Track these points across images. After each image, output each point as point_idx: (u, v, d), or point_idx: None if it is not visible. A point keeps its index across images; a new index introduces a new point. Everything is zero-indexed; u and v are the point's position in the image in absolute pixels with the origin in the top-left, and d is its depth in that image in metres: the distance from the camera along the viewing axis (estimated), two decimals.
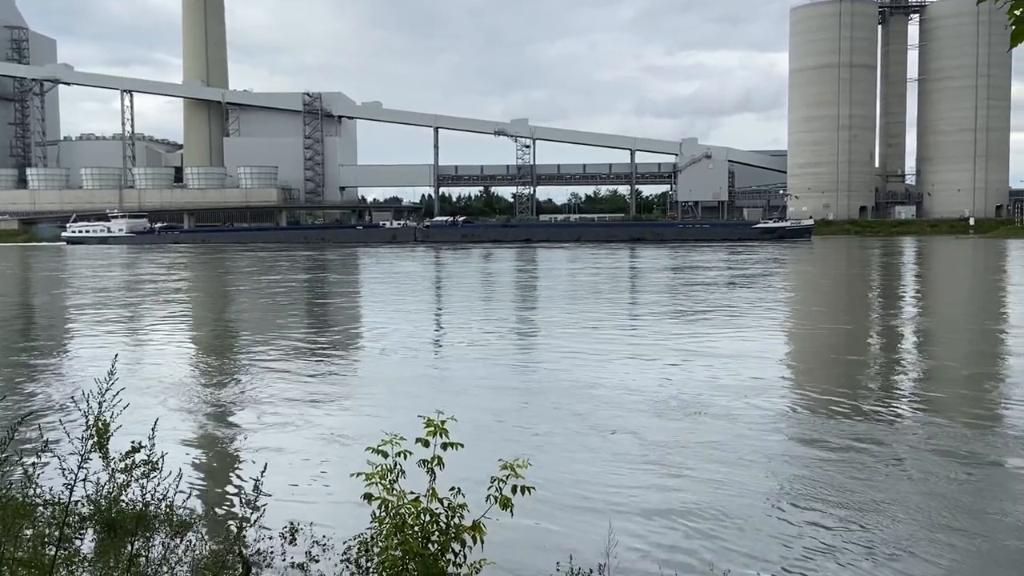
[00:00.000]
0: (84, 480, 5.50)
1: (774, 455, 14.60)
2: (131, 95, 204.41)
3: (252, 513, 5.78)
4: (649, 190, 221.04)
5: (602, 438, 15.75)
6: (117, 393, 5.65)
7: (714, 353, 25.44)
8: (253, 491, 5.76)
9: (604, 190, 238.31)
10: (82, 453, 5.38)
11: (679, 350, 26.20)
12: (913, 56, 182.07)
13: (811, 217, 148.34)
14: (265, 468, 6.25)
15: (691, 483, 13.09)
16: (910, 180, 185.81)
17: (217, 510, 12.46)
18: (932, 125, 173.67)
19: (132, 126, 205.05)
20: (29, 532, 6.30)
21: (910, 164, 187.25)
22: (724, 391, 19.71)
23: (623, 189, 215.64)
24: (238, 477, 14.08)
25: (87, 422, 5.45)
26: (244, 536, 6.14)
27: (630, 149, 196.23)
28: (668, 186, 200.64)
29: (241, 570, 5.31)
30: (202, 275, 73.21)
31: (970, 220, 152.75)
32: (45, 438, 6.38)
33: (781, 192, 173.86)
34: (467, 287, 56.47)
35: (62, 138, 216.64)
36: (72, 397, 6.16)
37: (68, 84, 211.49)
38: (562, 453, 14.78)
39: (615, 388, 20.24)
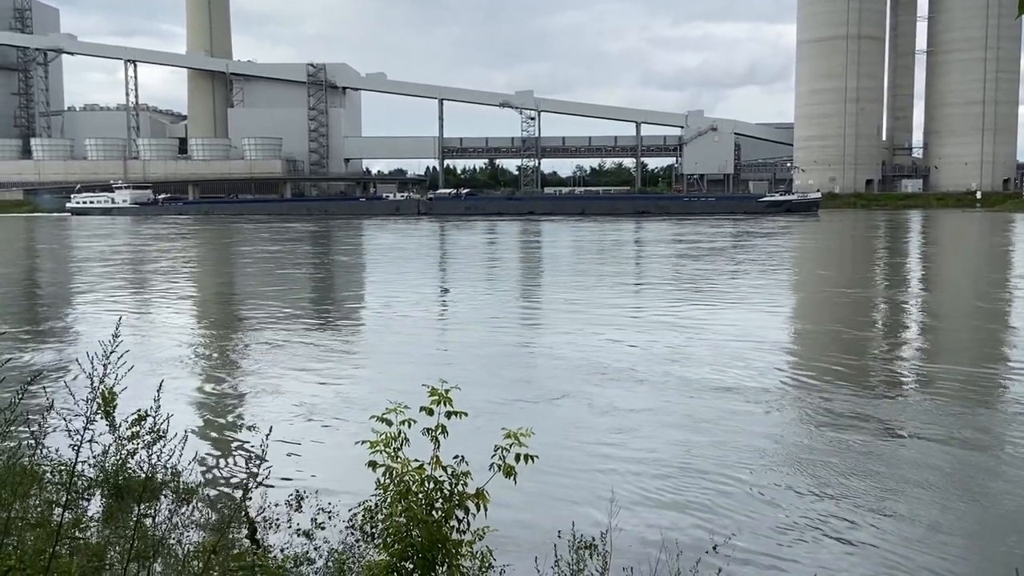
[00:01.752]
0: (91, 441, 5.54)
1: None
2: (135, 65, 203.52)
3: (257, 477, 5.82)
4: (654, 163, 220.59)
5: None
6: (122, 355, 5.68)
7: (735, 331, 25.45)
8: (258, 456, 5.80)
9: (609, 163, 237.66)
10: (88, 415, 5.41)
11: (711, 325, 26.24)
12: (922, 28, 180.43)
13: (818, 190, 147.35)
14: (270, 432, 6.29)
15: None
16: (917, 153, 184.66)
17: (222, 475, 12.57)
18: (940, 98, 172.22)
19: (136, 96, 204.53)
20: (36, 496, 6.37)
21: (917, 137, 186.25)
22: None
23: (628, 162, 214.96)
24: (243, 442, 14.18)
25: (92, 384, 5.47)
26: (250, 499, 6.19)
27: (635, 121, 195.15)
28: (673, 159, 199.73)
29: (247, 532, 5.35)
30: (206, 246, 73.28)
31: (977, 194, 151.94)
32: (51, 400, 6.41)
33: (789, 165, 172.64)
34: (467, 264, 56.45)
35: (66, 108, 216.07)
36: (77, 360, 6.20)
37: (72, 54, 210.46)
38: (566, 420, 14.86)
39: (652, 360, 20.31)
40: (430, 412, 6.16)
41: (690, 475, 12.26)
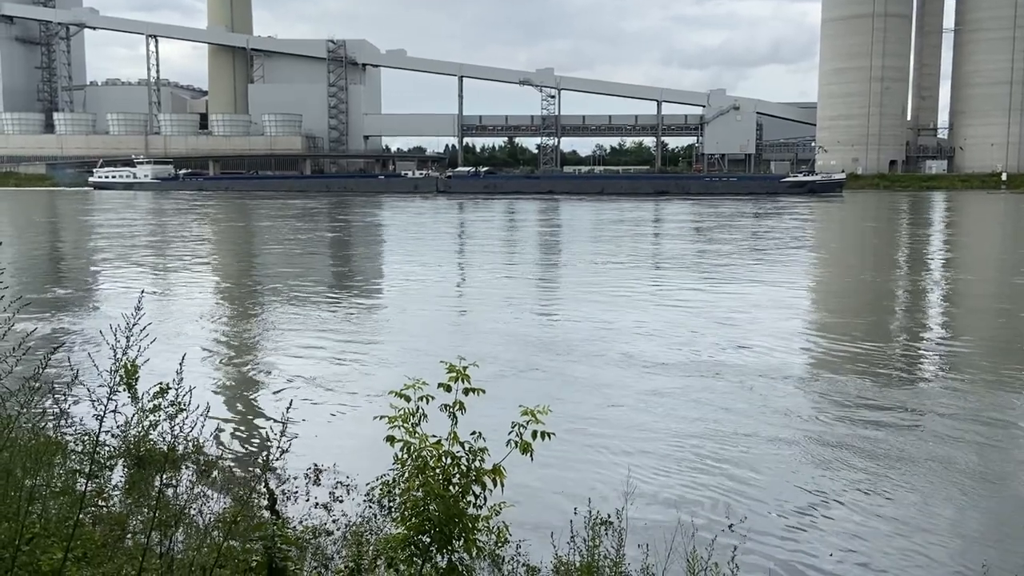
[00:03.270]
0: (114, 412, 5.61)
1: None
2: (156, 40, 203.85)
3: (277, 449, 5.89)
4: (675, 142, 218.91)
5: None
6: (144, 328, 5.74)
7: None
8: (278, 429, 5.86)
9: (629, 142, 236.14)
10: (111, 386, 5.48)
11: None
12: (950, 6, 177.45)
13: (843, 171, 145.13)
14: (290, 405, 6.35)
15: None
16: (942, 134, 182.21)
17: (242, 447, 12.71)
18: (966, 78, 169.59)
19: (157, 72, 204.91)
20: (60, 465, 6.48)
21: (943, 118, 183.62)
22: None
23: (649, 141, 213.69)
24: (263, 415, 14.32)
25: (115, 355, 5.54)
26: (270, 471, 6.26)
27: (656, 100, 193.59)
28: (694, 138, 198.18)
29: (267, 503, 5.42)
30: (228, 221, 73.66)
31: (1002, 175, 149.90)
32: (76, 371, 6.49)
33: (814, 145, 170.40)
34: (485, 247, 56.45)
35: (88, 83, 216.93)
36: (100, 331, 6.27)
37: (94, 28, 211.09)
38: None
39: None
40: (448, 388, 6.20)
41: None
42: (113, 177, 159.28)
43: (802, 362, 18.38)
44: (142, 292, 7.67)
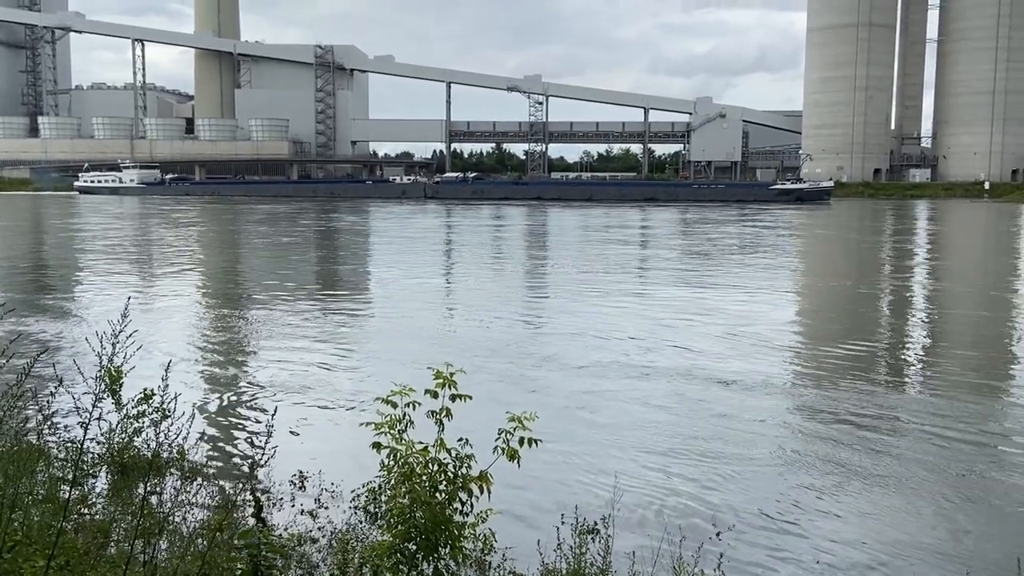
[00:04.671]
0: (99, 419, 5.58)
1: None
2: (143, 44, 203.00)
3: (262, 456, 5.86)
4: (662, 149, 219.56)
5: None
6: (131, 335, 5.71)
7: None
8: (263, 435, 5.84)
9: (617, 148, 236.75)
10: (96, 393, 5.45)
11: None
12: (933, 16, 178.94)
13: (831, 179, 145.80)
14: (275, 412, 6.32)
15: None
16: (926, 143, 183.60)
17: (227, 454, 12.62)
18: (950, 87, 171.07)
19: (143, 76, 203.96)
20: (43, 472, 6.42)
21: (926, 127, 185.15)
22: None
23: (636, 148, 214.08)
24: (248, 421, 14.24)
25: (100, 363, 5.51)
26: (255, 478, 6.23)
27: (643, 107, 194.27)
28: (681, 145, 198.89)
29: (252, 510, 5.39)
30: (214, 226, 73.35)
31: (985, 184, 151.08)
32: (60, 376, 6.45)
33: (801, 153, 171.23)
34: (473, 254, 56.42)
35: (73, 87, 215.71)
36: (86, 338, 6.23)
37: (79, 32, 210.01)
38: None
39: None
40: (435, 395, 6.20)
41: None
42: (99, 182, 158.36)
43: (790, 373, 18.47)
44: (128, 299, 7.62)
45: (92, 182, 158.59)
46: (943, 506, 10.78)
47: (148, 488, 6.84)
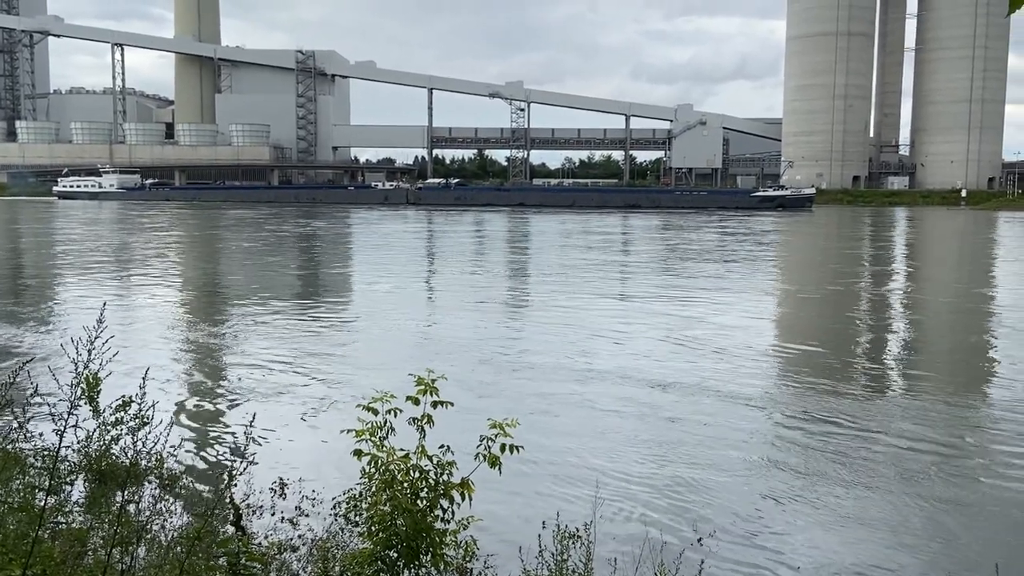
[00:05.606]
0: (75, 426, 5.51)
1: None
2: (122, 49, 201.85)
3: (242, 463, 5.81)
4: (643, 156, 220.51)
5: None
6: (107, 341, 5.65)
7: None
8: (243, 442, 5.79)
9: (598, 155, 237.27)
10: (72, 400, 5.38)
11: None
12: (911, 25, 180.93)
13: (813, 186, 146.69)
14: (254, 419, 6.27)
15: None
16: (904, 151, 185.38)
17: (206, 461, 12.52)
18: (928, 95, 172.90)
19: (123, 81, 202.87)
20: (19, 480, 6.34)
21: (904, 135, 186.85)
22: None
23: (617, 154, 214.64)
24: (227, 428, 14.13)
25: (76, 369, 5.44)
26: (234, 485, 6.18)
27: (625, 114, 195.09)
28: (662, 152, 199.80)
29: (232, 518, 5.34)
30: (194, 232, 72.88)
31: (962, 192, 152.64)
32: (35, 384, 6.37)
33: (784, 160, 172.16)
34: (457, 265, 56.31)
35: (52, 91, 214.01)
36: (62, 345, 6.16)
37: (58, 36, 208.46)
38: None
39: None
40: (416, 402, 6.17)
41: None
42: (78, 187, 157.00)
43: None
44: (104, 304, 7.55)
45: (71, 187, 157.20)
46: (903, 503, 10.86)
47: (126, 496, 6.77)
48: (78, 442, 8.97)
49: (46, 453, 7.19)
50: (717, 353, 20.32)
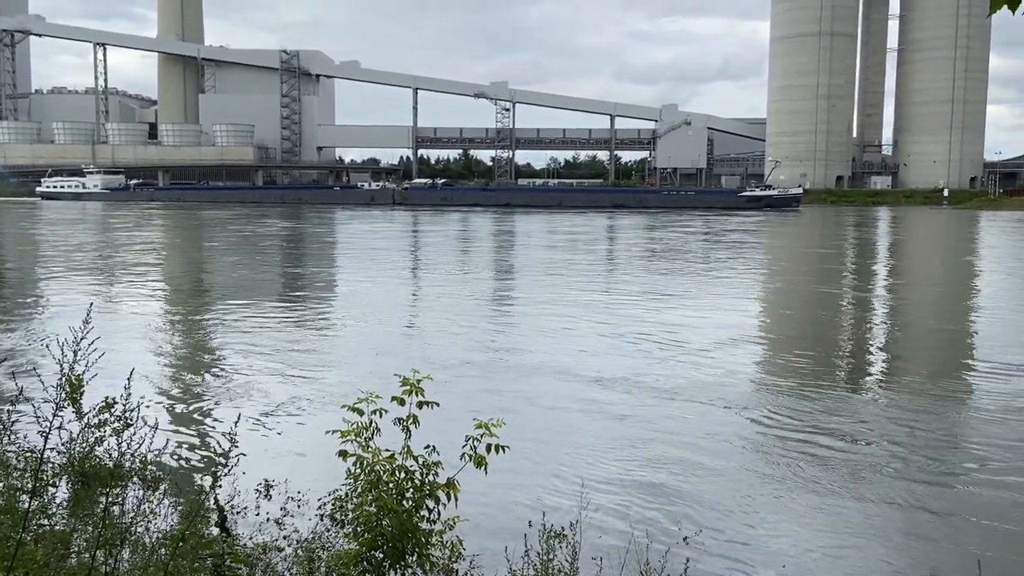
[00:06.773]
0: (60, 428, 5.48)
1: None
2: (104, 49, 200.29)
3: (227, 464, 5.80)
4: (628, 156, 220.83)
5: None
6: (92, 342, 5.62)
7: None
8: (227, 443, 5.77)
9: (583, 155, 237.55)
10: (56, 402, 5.35)
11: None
12: (894, 26, 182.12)
13: (800, 186, 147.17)
14: (239, 419, 6.26)
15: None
16: (887, 150, 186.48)
17: (191, 462, 12.48)
18: (910, 96, 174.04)
19: (105, 80, 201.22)
20: (2, 482, 6.29)
21: (887, 134, 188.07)
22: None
23: (602, 155, 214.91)
24: (212, 429, 14.08)
25: (61, 370, 5.42)
26: (219, 486, 6.16)
27: (610, 115, 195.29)
28: (647, 152, 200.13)
29: (216, 520, 5.33)
30: (178, 232, 72.51)
31: (944, 191, 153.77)
32: (20, 386, 6.34)
33: (770, 159, 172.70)
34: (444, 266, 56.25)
35: (33, 91, 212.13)
36: (47, 345, 6.13)
37: (39, 35, 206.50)
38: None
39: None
40: (401, 402, 6.17)
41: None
42: (62, 187, 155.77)
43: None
44: (91, 305, 7.51)
45: (55, 188, 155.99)
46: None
47: (110, 498, 6.73)
48: (61, 443, 8.92)
49: (29, 455, 7.15)
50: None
